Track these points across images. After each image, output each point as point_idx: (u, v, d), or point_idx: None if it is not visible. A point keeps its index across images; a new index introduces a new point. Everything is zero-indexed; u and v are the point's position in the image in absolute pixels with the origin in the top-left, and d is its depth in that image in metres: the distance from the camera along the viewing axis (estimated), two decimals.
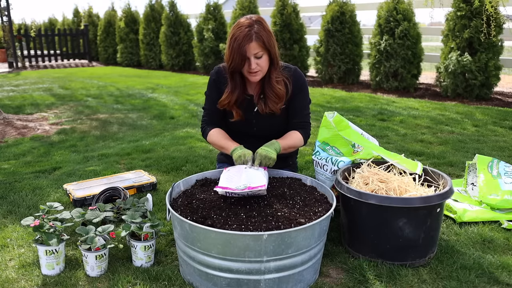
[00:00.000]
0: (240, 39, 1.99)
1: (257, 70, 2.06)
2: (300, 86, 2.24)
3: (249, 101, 2.25)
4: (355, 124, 3.05)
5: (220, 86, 2.25)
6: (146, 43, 11.27)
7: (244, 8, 8.78)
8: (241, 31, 2.00)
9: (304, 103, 2.28)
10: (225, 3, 18.05)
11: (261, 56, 2.04)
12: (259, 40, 1.99)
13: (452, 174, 2.96)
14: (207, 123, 2.34)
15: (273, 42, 2.07)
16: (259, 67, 2.06)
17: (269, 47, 2.04)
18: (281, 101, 2.18)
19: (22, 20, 16.83)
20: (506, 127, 4.25)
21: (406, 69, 6.42)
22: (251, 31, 1.99)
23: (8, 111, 5.37)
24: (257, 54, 2.02)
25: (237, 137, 2.30)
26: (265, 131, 2.29)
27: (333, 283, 1.76)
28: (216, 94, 2.27)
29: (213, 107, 2.29)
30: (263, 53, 2.03)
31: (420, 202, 1.78)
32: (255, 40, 1.99)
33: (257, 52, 2.01)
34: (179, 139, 4.00)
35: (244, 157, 2.04)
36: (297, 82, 2.23)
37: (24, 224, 1.88)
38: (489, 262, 1.88)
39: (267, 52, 2.05)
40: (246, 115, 2.26)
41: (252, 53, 2.01)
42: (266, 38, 2.02)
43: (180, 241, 1.73)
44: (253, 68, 2.04)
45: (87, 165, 3.30)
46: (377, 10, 6.68)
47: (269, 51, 2.05)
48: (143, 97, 6.50)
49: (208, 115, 2.34)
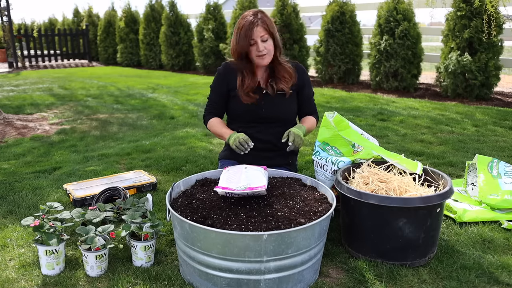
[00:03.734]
0: (246, 25, 2.22)
1: (265, 52, 2.25)
2: (305, 77, 2.46)
3: (257, 86, 2.38)
4: (355, 124, 3.05)
5: (227, 79, 2.40)
6: (146, 43, 11.27)
7: (244, 8, 8.78)
8: (247, 20, 2.23)
9: (311, 93, 2.51)
10: (225, 3, 18.05)
11: (266, 40, 2.25)
12: (264, 24, 2.23)
13: (452, 174, 2.96)
14: (209, 112, 2.49)
15: (275, 29, 2.30)
16: (266, 50, 2.25)
17: (273, 32, 2.27)
18: (292, 79, 2.37)
19: (22, 20, 16.86)
20: (506, 127, 4.25)
21: (406, 69, 6.42)
22: (256, 18, 2.23)
23: (8, 111, 5.37)
24: (263, 37, 2.23)
25: (244, 122, 2.40)
26: (273, 112, 2.40)
27: (333, 283, 1.76)
28: (222, 87, 2.42)
29: (217, 98, 2.45)
30: (268, 36, 2.25)
31: (420, 202, 1.78)
32: (260, 25, 2.22)
33: (263, 35, 2.23)
34: (179, 139, 4.00)
35: (238, 138, 2.22)
36: (301, 74, 2.43)
37: (24, 224, 1.89)
38: (489, 262, 1.88)
39: (272, 37, 2.26)
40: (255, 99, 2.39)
41: (259, 36, 2.22)
42: (270, 24, 2.26)
43: (180, 241, 1.73)
44: (261, 50, 2.23)
45: (87, 165, 3.30)
46: (377, 10, 6.68)
47: (273, 36, 2.27)
48: (143, 97, 6.50)
49: (211, 105, 2.48)
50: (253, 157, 2.29)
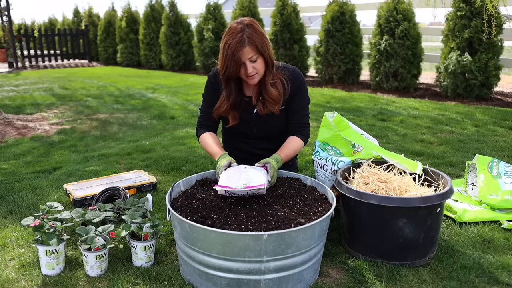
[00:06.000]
0: (233, 45, 1.99)
1: (254, 73, 2.07)
2: (298, 85, 2.24)
3: (248, 103, 2.26)
4: (355, 124, 3.05)
5: (217, 89, 2.27)
6: (146, 43, 11.27)
7: (244, 8, 8.78)
8: (234, 37, 1.99)
9: (303, 104, 2.28)
10: (225, 3, 18.05)
11: (256, 60, 2.04)
12: (252, 44, 2.00)
13: (452, 174, 2.96)
14: (201, 124, 2.37)
15: (266, 44, 2.06)
16: (256, 70, 2.06)
17: (263, 50, 2.04)
18: (278, 103, 2.19)
19: (22, 20, 16.85)
20: (506, 127, 4.25)
21: (406, 69, 6.42)
22: (243, 36, 1.99)
23: (8, 111, 5.37)
24: (252, 58, 2.03)
25: (237, 139, 2.31)
26: (264, 132, 2.30)
27: (333, 283, 1.76)
28: (212, 97, 2.29)
29: (209, 109, 2.30)
30: (257, 56, 2.04)
31: (420, 202, 1.78)
32: (248, 45, 1.99)
33: (251, 56, 2.02)
34: (179, 139, 4.00)
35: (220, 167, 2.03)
36: (294, 82, 2.24)
37: (24, 224, 1.88)
38: (489, 262, 1.88)
39: (261, 56, 2.06)
40: (245, 116, 2.27)
41: (247, 58, 2.02)
42: (259, 42, 2.02)
43: (180, 241, 1.73)
44: (250, 72, 2.05)
45: (87, 165, 3.30)
46: (377, 10, 6.68)
47: (263, 54, 2.06)
48: (143, 97, 6.50)
49: (203, 117, 2.36)
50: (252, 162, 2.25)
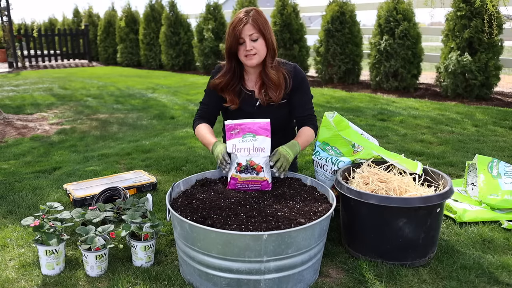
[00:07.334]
0: (236, 22, 2.11)
1: (254, 52, 2.12)
2: (300, 82, 2.28)
3: (250, 96, 2.29)
4: (355, 124, 3.05)
5: None
6: (146, 43, 11.27)
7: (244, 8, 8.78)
8: (238, 18, 2.12)
9: (306, 98, 2.31)
10: (225, 3, 18.04)
11: (256, 39, 2.11)
12: (254, 22, 2.09)
13: (452, 174, 2.96)
14: (200, 116, 2.39)
15: (269, 29, 2.15)
16: (255, 49, 2.11)
17: (264, 31, 2.11)
18: (279, 89, 2.21)
19: (22, 20, 16.84)
20: (506, 127, 4.25)
21: (406, 69, 6.42)
22: (248, 15, 2.11)
23: (8, 111, 5.37)
24: (252, 36, 2.10)
25: None
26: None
27: (333, 283, 1.76)
28: (214, 91, 2.32)
29: (210, 103, 2.35)
30: (258, 36, 2.11)
31: (420, 202, 1.78)
32: (250, 23, 2.09)
33: (252, 33, 2.09)
34: (179, 139, 4.00)
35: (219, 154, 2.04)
36: (296, 78, 2.27)
37: (24, 224, 1.88)
38: (489, 262, 1.88)
39: (263, 37, 2.12)
40: (247, 109, 2.29)
41: (247, 34, 2.09)
42: (262, 23, 2.11)
43: (180, 241, 1.73)
44: (249, 49, 2.10)
45: (87, 165, 3.30)
46: (377, 10, 6.68)
47: (265, 36, 2.12)
48: (143, 97, 6.50)
49: (203, 110, 2.39)
50: None
